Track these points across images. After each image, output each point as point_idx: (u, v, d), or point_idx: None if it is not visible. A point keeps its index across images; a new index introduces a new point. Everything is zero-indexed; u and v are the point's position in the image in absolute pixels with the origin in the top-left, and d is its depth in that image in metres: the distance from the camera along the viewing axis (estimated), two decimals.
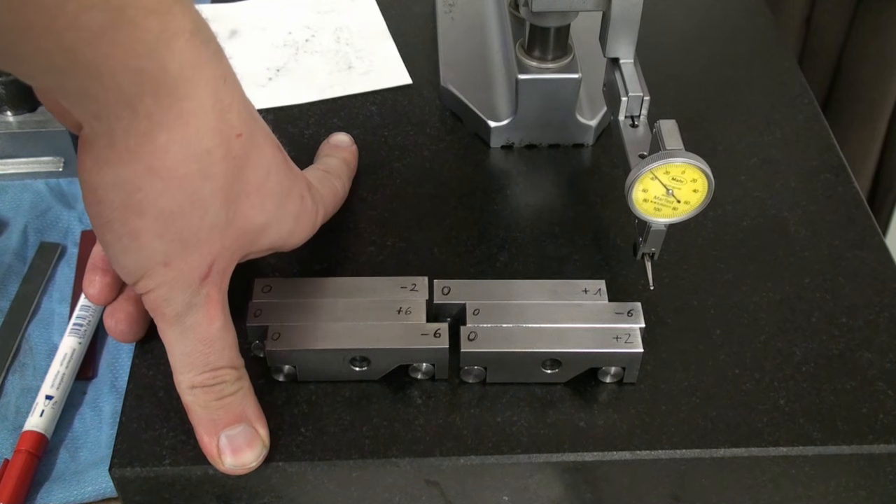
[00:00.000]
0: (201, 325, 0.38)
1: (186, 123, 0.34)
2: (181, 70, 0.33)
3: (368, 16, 0.67)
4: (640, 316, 0.44)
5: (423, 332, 0.43)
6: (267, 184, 0.39)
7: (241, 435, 0.39)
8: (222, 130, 0.36)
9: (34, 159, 0.62)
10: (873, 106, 1.00)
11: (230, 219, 0.38)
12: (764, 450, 0.42)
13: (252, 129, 0.38)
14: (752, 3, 0.69)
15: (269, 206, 0.40)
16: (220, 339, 0.39)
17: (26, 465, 0.47)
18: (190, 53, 0.33)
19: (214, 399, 0.39)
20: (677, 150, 0.41)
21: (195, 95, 0.34)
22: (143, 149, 0.34)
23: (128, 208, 0.35)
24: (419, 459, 0.41)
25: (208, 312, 0.38)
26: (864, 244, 0.51)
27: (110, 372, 0.53)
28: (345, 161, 0.52)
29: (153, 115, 0.33)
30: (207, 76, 0.35)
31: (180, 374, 0.39)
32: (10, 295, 0.56)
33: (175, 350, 0.39)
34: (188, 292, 0.38)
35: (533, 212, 0.52)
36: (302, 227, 0.43)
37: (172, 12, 0.32)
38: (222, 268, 0.39)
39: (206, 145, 0.35)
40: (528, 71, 0.53)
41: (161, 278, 0.37)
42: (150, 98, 0.33)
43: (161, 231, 0.36)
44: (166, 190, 0.35)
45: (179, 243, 0.37)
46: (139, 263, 0.37)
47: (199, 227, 0.37)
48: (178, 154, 0.35)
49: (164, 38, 0.32)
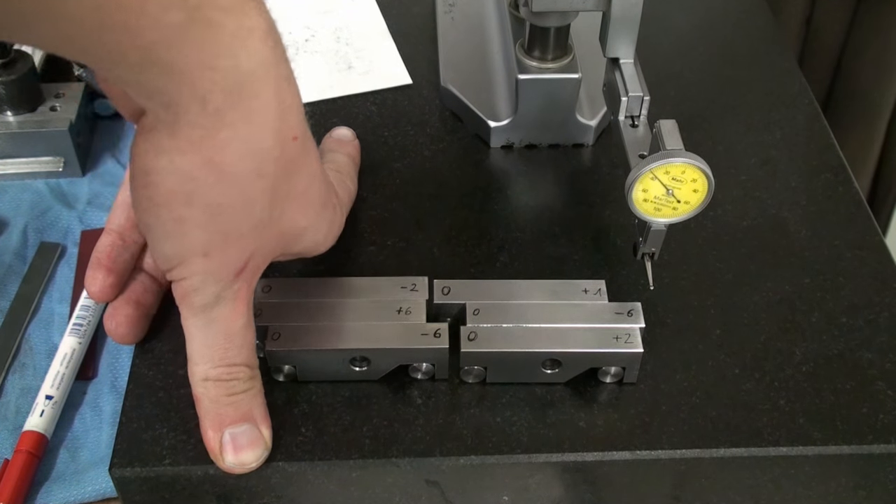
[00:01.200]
0: (226, 319, 0.39)
1: (250, 121, 0.35)
2: (253, 69, 0.33)
3: (368, 16, 0.67)
4: (640, 316, 0.44)
5: (423, 332, 0.43)
6: (311, 190, 0.40)
7: (244, 434, 0.40)
8: (281, 131, 0.36)
9: (34, 159, 0.62)
10: (873, 106, 1.00)
11: (274, 219, 0.38)
12: (764, 450, 0.42)
13: (306, 133, 0.38)
14: (752, 3, 0.69)
15: (311, 212, 0.41)
16: (241, 336, 0.39)
17: (26, 465, 0.47)
18: (263, 52, 0.34)
19: (225, 394, 0.39)
20: (677, 150, 0.41)
21: (262, 94, 0.34)
22: (205, 142, 0.34)
23: (177, 196, 0.35)
24: (419, 459, 0.41)
25: (236, 308, 0.39)
26: (864, 244, 0.51)
27: (110, 372, 0.53)
28: (350, 157, 0.52)
29: (221, 111, 0.33)
30: (275, 76, 0.35)
31: (196, 365, 0.39)
32: (10, 295, 0.56)
33: (195, 340, 0.39)
34: (220, 285, 0.38)
35: (533, 212, 0.52)
36: (333, 234, 0.44)
37: (247, 11, 0.33)
38: (257, 265, 0.39)
39: (265, 144, 0.36)
40: (528, 71, 0.53)
41: (197, 268, 0.37)
42: (221, 94, 0.33)
43: (206, 222, 0.36)
44: (219, 183, 0.35)
45: (222, 236, 0.37)
46: (179, 251, 0.37)
47: (244, 224, 0.37)
48: (237, 150, 0.35)
49: (240, 36, 0.32)
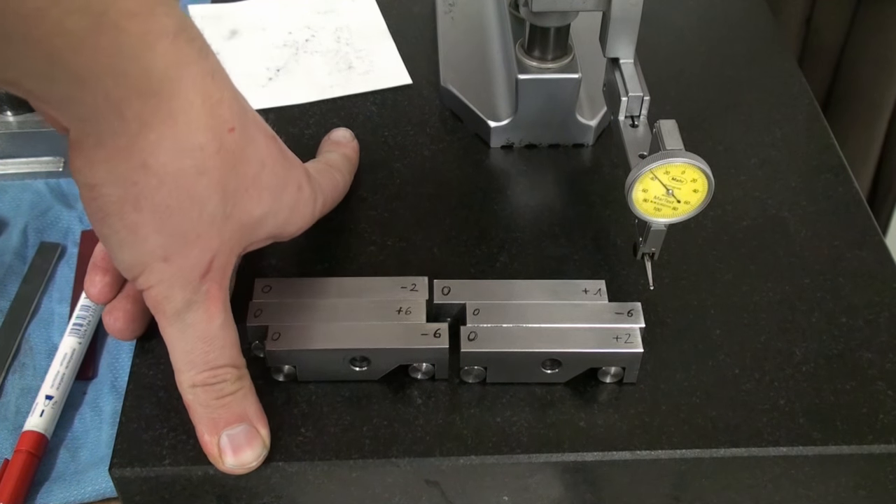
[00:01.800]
0: (202, 323, 0.38)
1: (175, 122, 0.35)
2: (166, 70, 0.33)
3: (368, 16, 0.67)
4: (640, 316, 0.44)
5: (423, 332, 0.43)
6: (263, 175, 0.39)
7: (241, 434, 0.39)
8: (213, 126, 0.36)
9: (34, 159, 0.62)
10: (873, 106, 1.00)
11: (228, 213, 0.38)
12: (764, 450, 0.42)
13: (244, 122, 0.38)
14: (752, 3, 0.69)
15: (267, 197, 0.40)
16: (220, 338, 0.39)
17: (26, 465, 0.47)
18: (174, 53, 0.33)
19: (215, 398, 0.39)
20: (677, 150, 0.41)
21: (182, 94, 0.34)
22: (135, 146, 0.34)
23: (125, 202, 0.35)
24: (419, 459, 0.41)
25: (209, 310, 0.38)
26: (864, 244, 0.51)
27: (110, 372, 0.53)
28: (345, 156, 0.52)
29: (141, 116, 0.34)
30: (194, 74, 0.35)
31: (181, 374, 0.39)
32: (10, 295, 0.56)
33: (176, 348, 0.39)
34: (188, 289, 0.38)
35: (533, 212, 0.52)
36: (299, 216, 0.43)
37: (155, 14, 0.32)
38: (223, 264, 0.39)
39: (199, 141, 0.36)
40: (528, 71, 0.53)
41: (161, 274, 0.37)
42: (136, 100, 0.33)
43: (159, 226, 0.36)
44: (162, 185, 0.35)
45: (178, 238, 0.37)
46: (138, 258, 0.37)
47: (198, 222, 0.37)
48: (170, 151, 0.35)
49: (148, 40, 0.32)
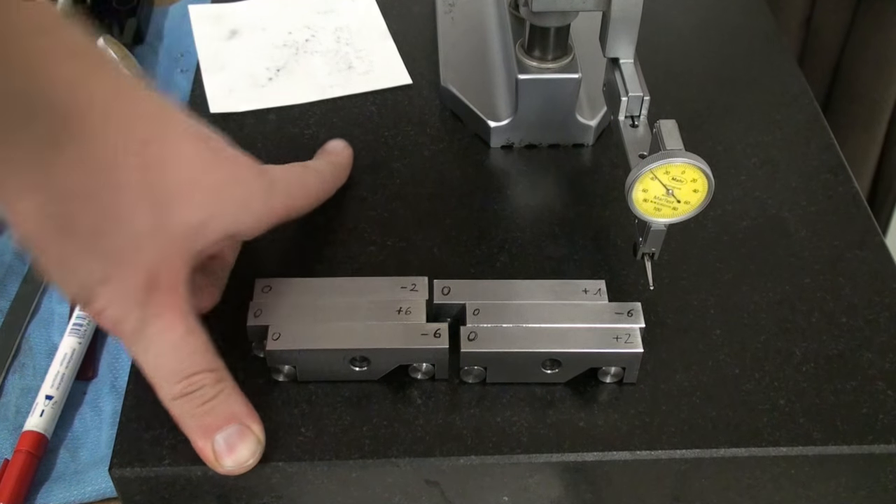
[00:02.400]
0: (163, 335, 0.38)
1: (84, 141, 0.34)
2: (70, 90, 0.33)
3: (368, 16, 0.67)
4: (640, 316, 0.44)
5: (423, 332, 0.43)
6: (194, 181, 0.38)
7: (234, 434, 0.39)
8: (124, 143, 0.35)
9: None
10: (873, 106, 1.00)
11: (161, 224, 0.37)
12: (764, 450, 0.42)
13: (161, 132, 0.37)
14: (752, 3, 0.69)
15: (202, 200, 0.39)
16: (186, 346, 0.38)
17: (26, 465, 0.47)
18: (77, 72, 0.33)
19: (198, 405, 0.39)
20: (677, 150, 0.41)
21: (88, 113, 0.34)
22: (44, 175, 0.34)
23: (51, 232, 0.35)
24: (419, 459, 0.41)
25: (167, 321, 0.38)
26: (864, 244, 0.51)
27: (110, 372, 0.53)
28: (330, 163, 0.51)
29: (47, 138, 0.33)
30: (101, 92, 0.34)
31: (160, 389, 0.39)
32: (10, 295, 0.56)
33: (147, 366, 0.38)
34: (138, 306, 0.37)
35: (533, 212, 0.52)
36: (251, 213, 0.41)
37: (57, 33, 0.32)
38: (171, 274, 0.38)
39: (110, 158, 0.35)
40: (528, 71, 0.53)
41: (106, 297, 0.37)
42: (41, 122, 0.32)
43: (90, 249, 0.36)
44: (83, 208, 0.35)
45: (113, 258, 0.36)
46: (80, 285, 0.37)
47: (129, 239, 0.36)
48: (83, 172, 0.34)
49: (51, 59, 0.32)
